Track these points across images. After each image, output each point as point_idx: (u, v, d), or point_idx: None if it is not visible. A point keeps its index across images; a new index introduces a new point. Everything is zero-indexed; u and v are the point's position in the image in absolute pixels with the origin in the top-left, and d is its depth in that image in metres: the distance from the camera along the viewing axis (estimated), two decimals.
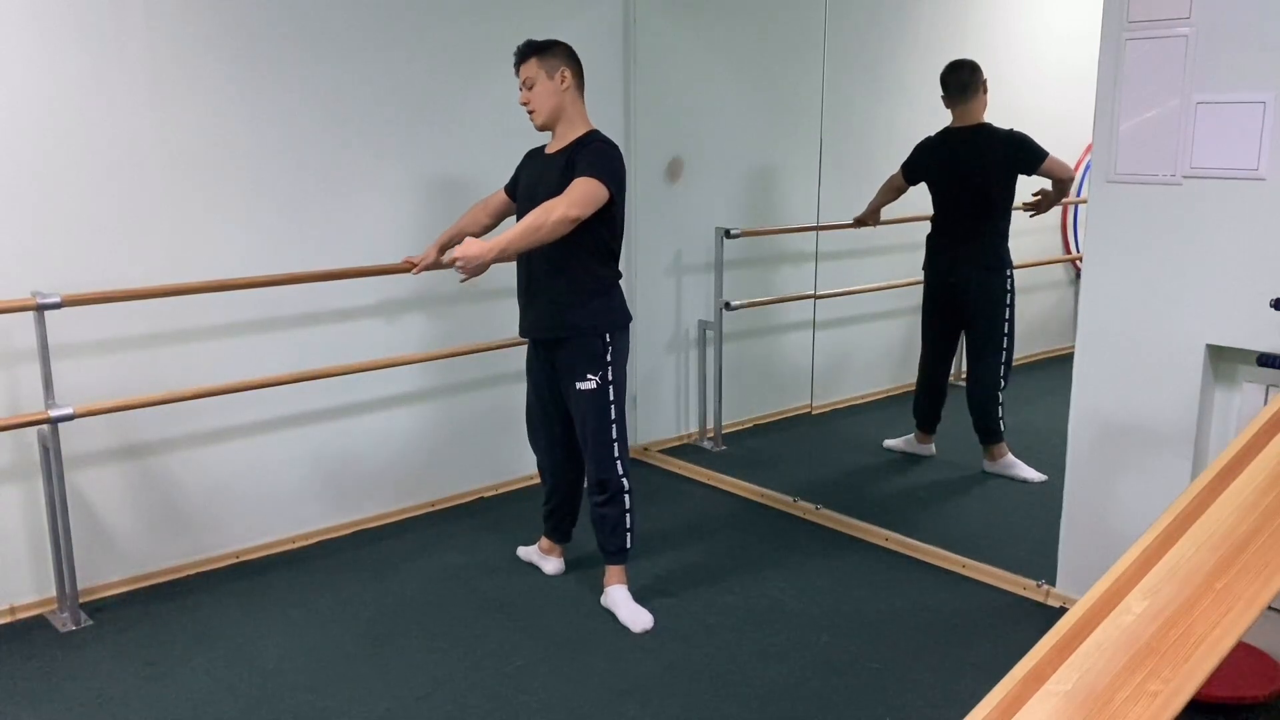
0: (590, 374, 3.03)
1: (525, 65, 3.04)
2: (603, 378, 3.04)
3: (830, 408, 5.12)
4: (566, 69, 3.02)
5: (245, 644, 2.99)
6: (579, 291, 3.02)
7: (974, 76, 4.07)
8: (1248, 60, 2.58)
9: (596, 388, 3.03)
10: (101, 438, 3.25)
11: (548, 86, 3.01)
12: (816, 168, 4.41)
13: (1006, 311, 4.13)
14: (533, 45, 3.04)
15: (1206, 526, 1.90)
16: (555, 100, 3.02)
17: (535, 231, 2.81)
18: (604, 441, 3.06)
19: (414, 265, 3.50)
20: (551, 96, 3.02)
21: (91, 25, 3.04)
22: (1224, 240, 2.68)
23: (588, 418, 3.06)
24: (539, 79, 3.01)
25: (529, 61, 3.03)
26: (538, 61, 3.02)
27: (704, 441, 4.77)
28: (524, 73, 3.04)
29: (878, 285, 5.05)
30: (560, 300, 3.04)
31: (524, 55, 3.05)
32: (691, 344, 4.74)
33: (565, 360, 3.07)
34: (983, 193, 4.09)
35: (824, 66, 4.28)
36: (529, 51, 3.04)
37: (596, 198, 2.86)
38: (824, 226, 4.62)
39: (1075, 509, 3.11)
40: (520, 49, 3.06)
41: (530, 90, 3.03)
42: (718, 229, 4.57)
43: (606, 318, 3.05)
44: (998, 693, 1.63)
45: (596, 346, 3.04)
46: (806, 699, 2.68)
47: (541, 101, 3.03)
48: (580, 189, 2.85)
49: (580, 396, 3.05)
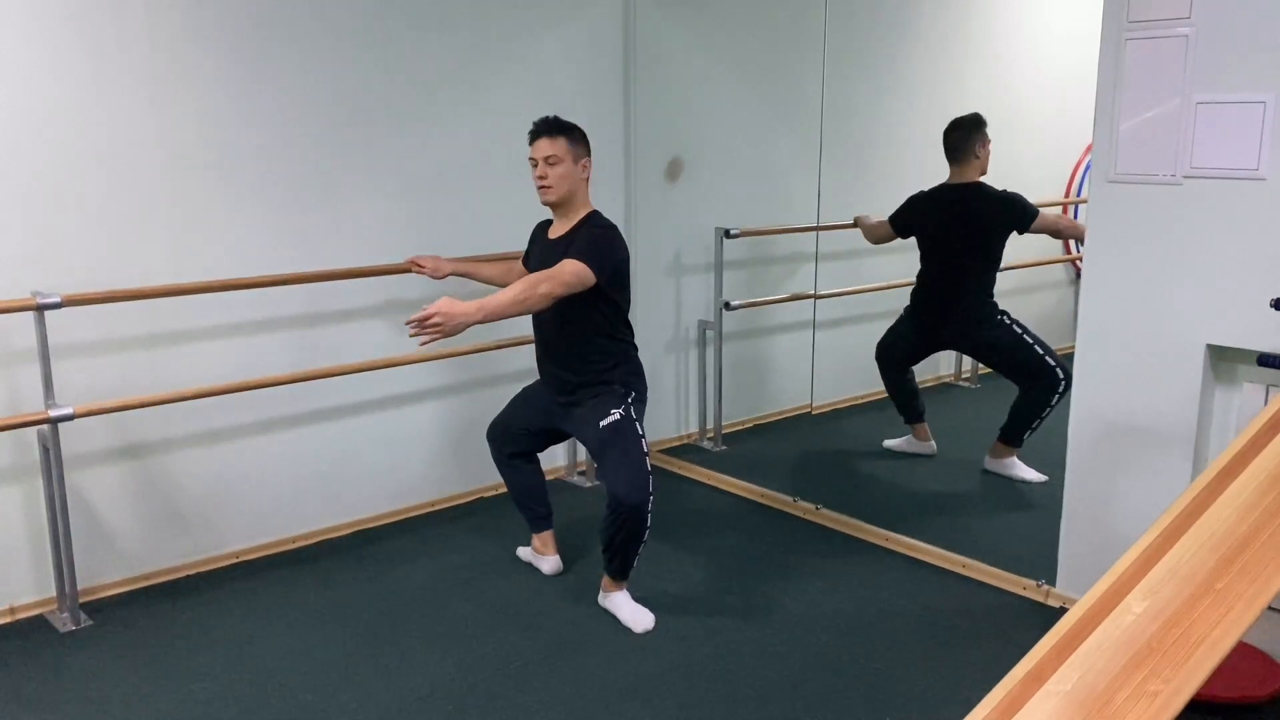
0: (614, 409, 3.05)
1: (554, 142, 2.99)
2: (625, 412, 3.06)
3: (830, 408, 5.12)
4: (587, 159, 3.06)
5: (245, 644, 2.99)
6: (593, 362, 3.08)
7: (970, 137, 4.10)
8: (1248, 60, 2.58)
9: (621, 418, 3.04)
10: (101, 438, 3.25)
11: (571, 170, 3.02)
12: (816, 168, 4.41)
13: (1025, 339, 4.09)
14: (563, 125, 3.03)
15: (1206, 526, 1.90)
16: (572, 184, 3.04)
17: (519, 304, 2.84)
18: (635, 465, 2.99)
19: (421, 267, 3.52)
20: (570, 180, 3.03)
21: (91, 25, 3.04)
22: (1224, 240, 2.68)
23: (614, 446, 3.02)
24: (565, 160, 3.00)
25: (559, 140, 2.99)
26: (569, 143, 3.00)
27: (704, 441, 4.77)
28: (549, 149, 2.99)
29: (878, 285, 5.05)
30: (575, 371, 3.11)
31: (553, 132, 3.00)
32: (691, 344, 4.74)
33: (582, 414, 3.11)
34: (973, 251, 4.14)
35: (824, 66, 4.28)
36: (559, 130, 3.01)
37: (581, 278, 2.90)
38: (824, 226, 4.62)
39: (1075, 509, 3.11)
40: (550, 124, 3.02)
41: (551, 167, 3.00)
42: (718, 229, 4.57)
43: (627, 381, 3.11)
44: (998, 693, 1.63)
45: (617, 391, 3.09)
46: (806, 699, 2.68)
47: (560, 183, 3.02)
48: (567, 269, 2.89)
49: (605, 430, 3.03)
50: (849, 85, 4.69)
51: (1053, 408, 4.03)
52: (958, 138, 4.12)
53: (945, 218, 4.18)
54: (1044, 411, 4.05)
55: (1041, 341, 4.10)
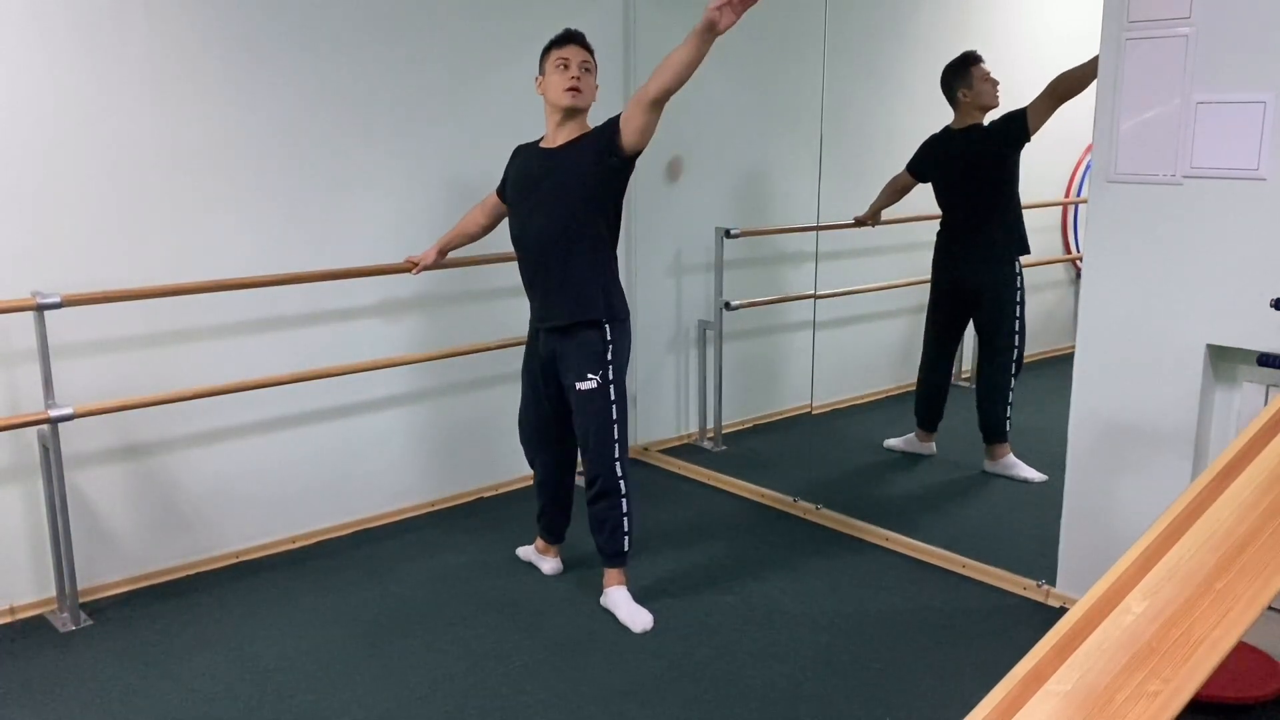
0: (591, 374, 3.03)
1: (584, 51, 3.03)
2: (603, 377, 3.04)
3: (830, 408, 5.12)
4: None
5: (245, 644, 2.99)
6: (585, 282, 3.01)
7: (948, 81, 4.14)
8: (1248, 60, 2.58)
9: (597, 387, 3.04)
10: (101, 438, 3.25)
11: (593, 83, 3.06)
12: (816, 168, 4.41)
13: (1016, 309, 4.13)
14: (588, 41, 3.06)
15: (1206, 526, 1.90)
16: (593, 98, 3.06)
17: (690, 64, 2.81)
18: (604, 441, 3.06)
19: (415, 265, 3.51)
20: (593, 93, 3.06)
21: (91, 25, 3.04)
22: (1224, 240, 2.68)
23: (588, 418, 3.07)
24: (594, 72, 3.05)
25: (588, 52, 3.04)
26: (592, 56, 3.05)
27: (704, 441, 4.77)
28: (583, 55, 3.03)
29: (878, 285, 5.05)
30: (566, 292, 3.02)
31: (585, 43, 3.05)
32: (691, 344, 4.74)
33: (567, 355, 3.07)
34: (982, 186, 4.13)
35: (824, 66, 4.28)
36: (588, 44, 3.05)
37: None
38: (824, 226, 4.62)
39: (1075, 509, 3.11)
40: (580, 34, 3.06)
41: (586, 74, 3.02)
42: (718, 229, 4.57)
43: (606, 307, 3.04)
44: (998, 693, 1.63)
45: (597, 345, 3.04)
46: (806, 699, 2.68)
47: (590, 91, 3.04)
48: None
49: (581, 397, 3.05)
50: (849, 85, 4.69)
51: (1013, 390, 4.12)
52: (943, 84, 4.17)
53: (953, 158, 4.19)
54: (1008, 396, 4.10)
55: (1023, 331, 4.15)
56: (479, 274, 3.94)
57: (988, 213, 4.14)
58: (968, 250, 4.21)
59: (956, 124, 4.18)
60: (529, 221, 3.08)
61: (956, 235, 4.25)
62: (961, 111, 4.15)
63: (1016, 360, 4.15)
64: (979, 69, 4.10)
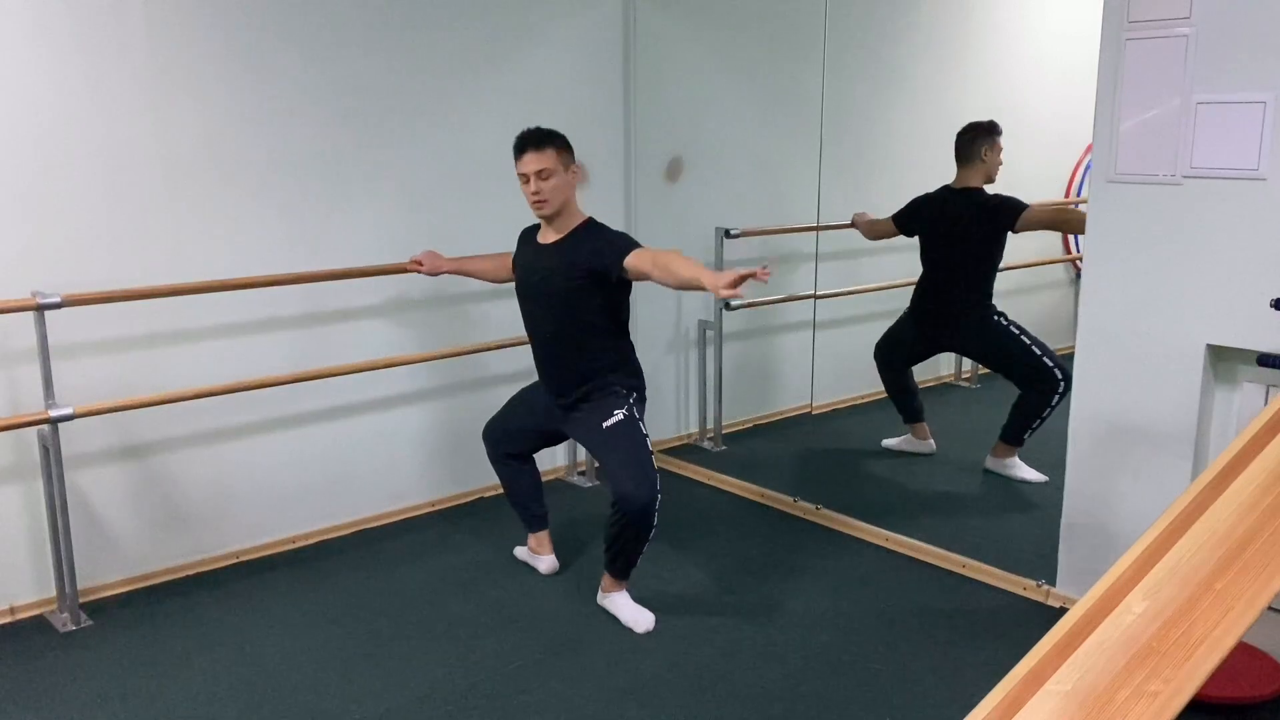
0: (616, 410, 3.04)
1: (542, 155, 2.93)
2: (628, 413, 3.05)
3: (830, 408, 5.12)
4: (576, 165, 3.03)
5: (245, 644, 2.99)
6: (597, 364, 3.05)
7: (975, 141, 4.13)
8: (1248, 60, 2.58)
9: (624, 419, 3.04)
10: (101, 438, 3.25)
11: (564, 179, 2.99)
12: (816, 168, 4.41)
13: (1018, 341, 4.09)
14: (549, 134, 2.97)
15: (1206, 526, 1.90)
16: (567, 193, 3.01)
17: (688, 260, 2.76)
18: (642, 463, 2.96)
19: (421, 265, 3.53)
20: (565, 189, 2.99)
21: (91, 27, 3.04)
22: (1224, 240, 2.68)
23: (619, 446, 3.01)
24: (557, 170, 2.96)
25: (546, 151, 2.93)
26: (557, 153, 2.95)
27: (704, 441, 4.76)
28: (539, 163, 2.93)
29: (878, 285, 5.05)
30: (579, 373, 3.08)
31: (541, 144, 2.94)
32: (691, 344, 4.74)
33: (583, 417, 3.10)
34: (969, 254, 4.17)
35: (824, 66, 4.28)
36: (547, 141, 2.95)
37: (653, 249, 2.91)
38: (824, 226, 4.62)
39: (1075, 509, 3.11)
40: (536, 136, 2.96)
41: (544, 181, 2.94)
42: (718, 229, 4.57)
43: (626, 389, 3.09)
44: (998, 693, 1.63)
45: (619, 392, 3.08)
46: (806, 699, 2.68)
47: (556, 194, 2.98)
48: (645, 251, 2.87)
49: (608, 431, 3.02)
50: (849, 85, 4.69)
51: (1053, 408, 4.03)
52: (965, 140, 4.15)
53: (943, 220, 4.21)
54: (1045, 412, 4.05)
55: (1040, 343, 4.10)
56: None
57: (973, 275, 4.18)
58: (946, 309, 4.25)
59: (959, 184, 4.18)
60: (534, 315, 3.14)
61: (936, 293, 4.28)
62: (972, 173, 4.14)
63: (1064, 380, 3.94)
64: (999, 141, 4.13)
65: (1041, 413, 4.06)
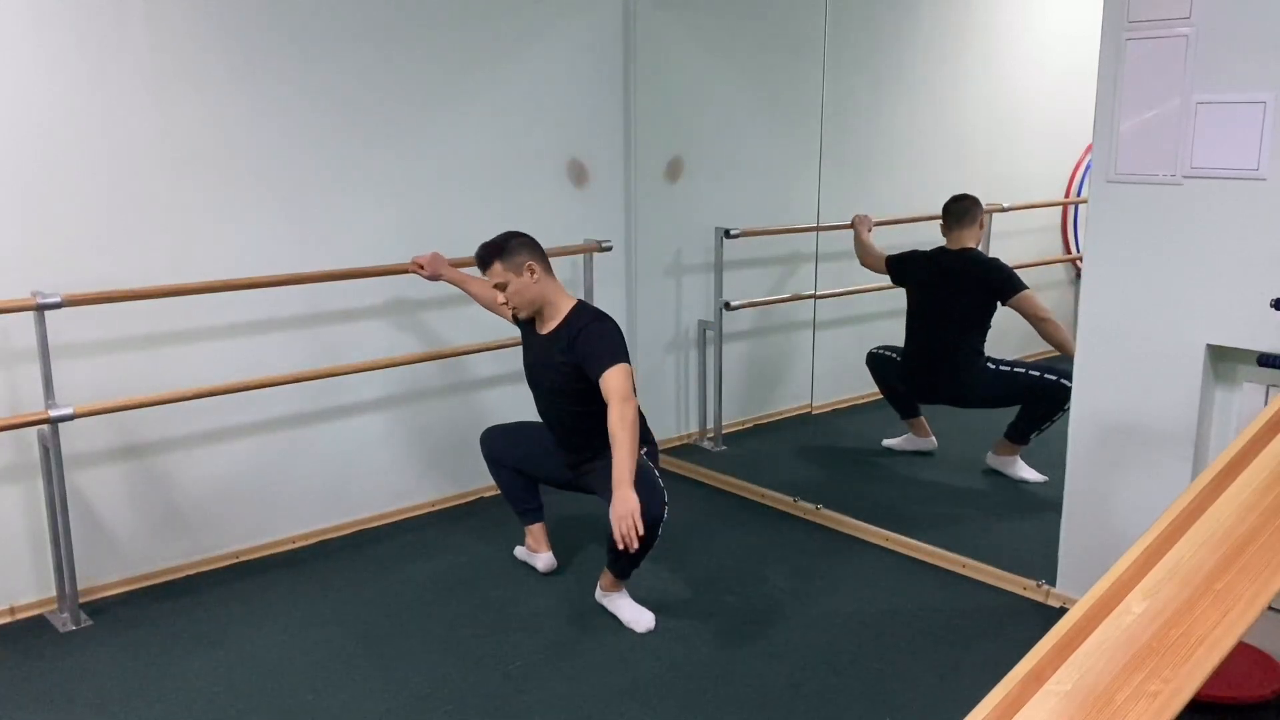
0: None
1: (490, 272, 3.04)
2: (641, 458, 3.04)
3: (830, 408, 5.12)
4: (530, 261, 3.03)
5: (245, 644, 2.99)
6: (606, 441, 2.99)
7: (974, 209, 4.18)
8: (1248, 60, 2.58)
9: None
10: (101, 438, 3.25)
11: (519, 283, 3.03)
12: (816, 168, 4.41)
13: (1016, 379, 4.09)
14: (489, 250, 3.04)
15: (1206, 526, 1.90)
16: (531, 293, 3.05)
17: (630, 439, 2.82)
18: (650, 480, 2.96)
19: (422, 267, 3.54)
20: (525, 290, 3.04)
21: (91, 25, 3.04)
22: (1224, 240, 2.68)
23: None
24: (510, 280, 3.02)
25: (493, 267, 3.03)
26: (501, 265, 3.02)
27: (704, 441, 4.76)
28: (492, 277, 3.05)
29: (878, 285, 5.04)
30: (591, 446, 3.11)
31: (485, 262, 3.04)
32: (691, 344, 4.74)
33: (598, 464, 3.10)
34: (961, 315, 4.17)
35: (824, 66, 4.28)
36: (488, 257, 3.03)
37: (629, 377, 2.94)
38: (824, 227, 4.62)
39: (1075, 509, 3.11)
40: (479, 258, 3.06)
41: (503, 291, 3.04)
42: (718, 229, 4.57)
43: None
44: (998, 693, 1.63)
45: None
46: (806, 699, 2.68)
47: (520, 298, 3.05)
48: (616, 385, 2.89)
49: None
50: (849, 85, 4.69)
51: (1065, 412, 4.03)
52: (964, 206, 4.19)
53: (938, 279, 4.22)
54: (1055, 415, 4.05)
55: (1036, 364, 4.14)
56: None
57: (963, 337, 4.18)
58: (937, 373, 4.25)
59: (955, 244, 4.19)
60: (537, 394, 3.19)
61: (924, 356, 4.28)
62: (967, 234, 4.17)
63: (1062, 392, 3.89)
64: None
65: (1052, 416, 4.05)
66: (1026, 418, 4.11)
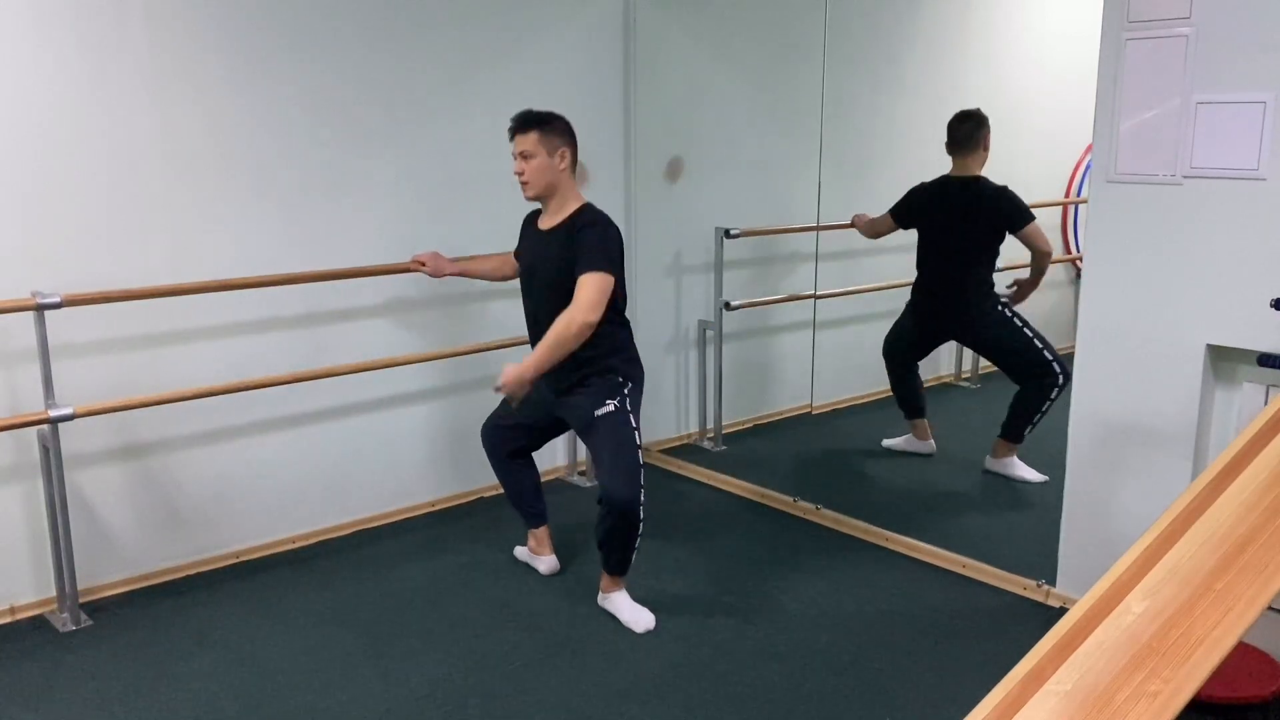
0: (609, 400, 3.04)
1: (525, 137, 2.97)
2: (620, 404, 3.04)
3: (830, 408, 5.12)
4: (567, 149, 3.00)
5: (245, 644, 2.99)
6: (589, 352, 3.01)
7: (978, 130, 4.09)
8: (1248, 60, 2.58)
9: (616, 409, 3.03)
10: (101, 438, 3.25)
11: (546, 163, 2.98)
12: (816, 168, 4.41)
13: (1021, 334, 4.09)
14: (534, 117, 2.98)
15: (1206, 526, 1.90)
16: (551, 177, 3.00)
17: (561, 346, 2.86)
18: (627, 461, 3.00)
19: (423, 265, 3.53)
20: (548, 173, 2.99)
21: (91, 26, 3.04)
22: (1224, 240, 2.68)
23: (607, 440, 3.02)
24: (538, 154, 2.96)
25: (530, 134, 2.96)
26: (540, 136, 2.96)
27: (704, 441, 4.76)
28: (522, 144, 2.97)
29: (878, 285, 5.05)
30: (572, 361, 3.03)
31: (524, 126, 2.97)
32: (691, 344, 4.74)
33: (576, 402, 3.09)
34: (972, 244, 4.14)
35: (824, 66, 4.28)
36: (530, 124, 2.97)
37: (606, 290, 2.89)
38: (824, 226, 4.62)
39: (1075, 509, 3.11)
40: (520, 119, 2.99)
41: (526, 162, 2.97)
42: (718, 229, 4.57)
43: (621, 378, 3.08)
44: (998, 693, 1.63)
45: (613, 380, 3.07)
46: (806, 699, 2.68)
47: (537, 177, 2.99)
48: (588, 291, 2.86)
49: (600, 421, 3.03)
50: (849, 85, 4.69)
51: (1052, 402, 4.04)
52: (968, 129, 4.10)
53: (946, 210, 4.16)
54: (1044, 406, 4.05)
55: (1041, 336, 4.10)
56: None
57: (972, 266, 4.15)
58: (946, 304, 4.23)
59: (961, 171, 4.14)
60: (533, 300, 3.13)
61: (936, 285, 4.26)
62: (972, 161, 4.11)
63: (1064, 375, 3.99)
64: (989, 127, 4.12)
65: (1041, 406, 4.05)
66: (1019, 411, 4.12)
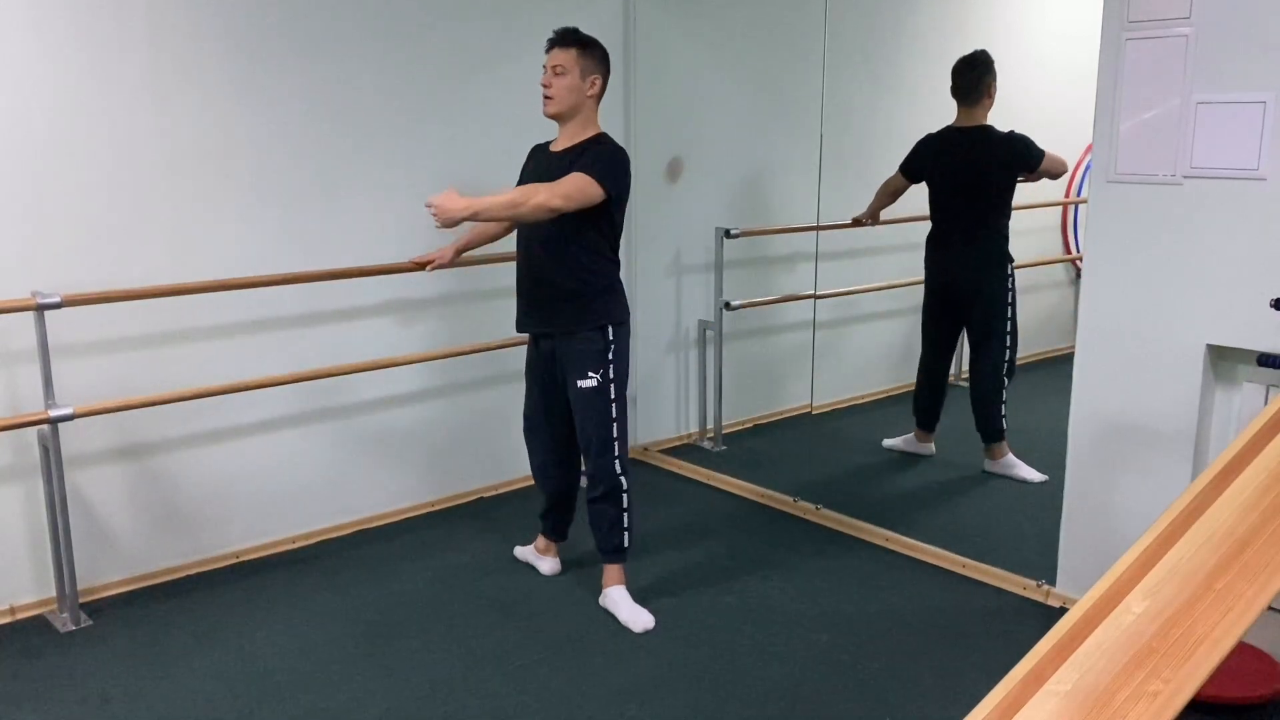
0: (592, 371, 3.03)
1: (563, 52, 2.95)
2: (604, 375, 3.04)
3: (830, 408, 5.12)
4: (599, 77, 2.99)
5: (245, 644, 2.99)
6: (581, 284, 3.00)
7: (985, 77, 4.05)
8: (1248, 60, 2.58)
9: (598, 385, 3.04)
10: (101, 438, 3.25)
11: (576, 84, 2.96)
12: (816, 168, 4.41)
13: (1008, 310, 4.13)
14: (577, 37, 2.97)
15: (1206, 526, 1.90)
16: (576, 99, 2.98)
17: (513, 207, 2.81)
18: (604, 439, 3.07)
19: (428, 263, 3.49)
20: (575, 94, 2.97)
21: (91, 26, 3.04)
22: (1224, 240, 2.68)
23: (588, 416, 3.07)
24: (571, 72, 2.94)
25: (569, 50, 2.94)
26: (578, 55, 2.95)
27: (704, 441, 4.77)
28: (557, 58, 2.95)
29: (878, 285, 5.05)
30: (562, 292, 3.02)
31: (564, 42, 2.96)
32: (691, 344, 4.74)
33: (567, 356, 3.08)
34: (982, 192, 4.09)
35: (824, 66, 4.28)
36: (571, 41, 2.96)
37: (586, 193, 2.85)
38: (824, 226, 4.62)
39: (1075, 509, 3.11)
40: (562, 34, 2.98)
41: (557, 77, 2.95)
42: (718, 229, 4.57)
43: (607, 313, 3.04)
44: (998, 693, 1.63)
45: (598, 343, 3.04)
46: (806, 699, 2.68)
47: (563, 94, 2.96)
48: (571, 182, 2.84)
49: (581, 394, 3.05)
50: (849, 85, 4.69)
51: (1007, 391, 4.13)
52: (973, 77, 4.05)
53: (956, 160, 4.11)
54: (996, 398, 4.11)
55: (1015, 332, 4.15)
56: (480, 274, 3.94)
57: (985, 216, 4.11)
58: (960, 255, 4.17)
59: (963, 122, 4.11)
60: (530, 227, 3.07)
61: (948, 239, 4.20)
62: (978, 110, 4.07)
63: (1009, 362, 4.14)
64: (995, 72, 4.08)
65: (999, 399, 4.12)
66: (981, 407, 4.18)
